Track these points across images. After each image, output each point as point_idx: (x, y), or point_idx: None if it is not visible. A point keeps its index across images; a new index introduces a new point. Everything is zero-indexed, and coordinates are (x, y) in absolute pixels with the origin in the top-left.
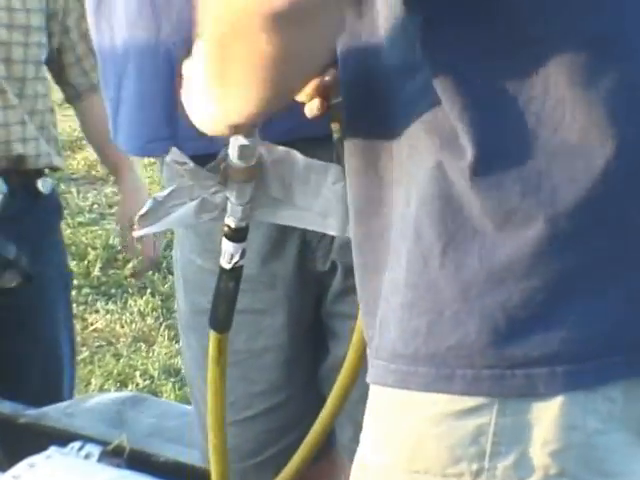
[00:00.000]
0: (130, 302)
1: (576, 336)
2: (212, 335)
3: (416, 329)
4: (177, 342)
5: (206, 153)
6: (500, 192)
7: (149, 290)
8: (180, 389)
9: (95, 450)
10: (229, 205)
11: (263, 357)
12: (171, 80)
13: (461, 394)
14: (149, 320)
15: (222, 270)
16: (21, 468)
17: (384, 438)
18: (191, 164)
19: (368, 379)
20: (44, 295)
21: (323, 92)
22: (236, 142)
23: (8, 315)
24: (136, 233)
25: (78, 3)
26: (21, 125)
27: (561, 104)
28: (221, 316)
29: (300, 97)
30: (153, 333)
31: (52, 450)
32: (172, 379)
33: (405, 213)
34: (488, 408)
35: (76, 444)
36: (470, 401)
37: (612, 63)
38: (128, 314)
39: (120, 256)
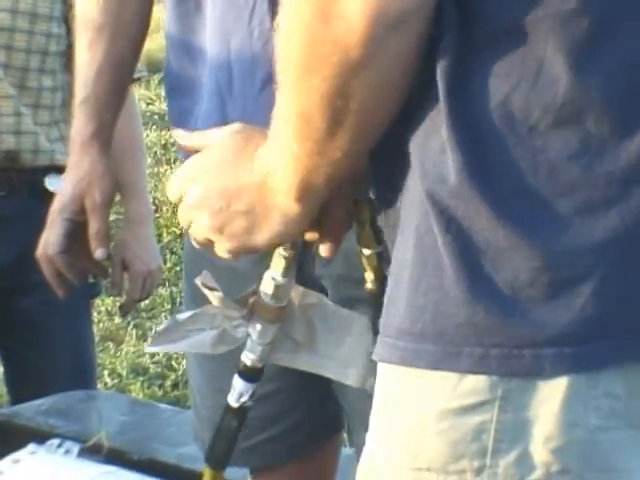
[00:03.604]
0: (97, 301)
1: (585, 316)
2: (207, 471)
3: (423, 306)
4: (145, 341)
5: None
6: (496, 172)
7: None
8: (149, 388)
9: (74, 447)
10: (249, 341)
11: None
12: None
13: (467, 372)
14: (116, 319)
15: (228, 407)
16: (5, 464)
17: (388, 434)
18: (220, 293)
19: (374, 356)
20: (57, 299)
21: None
22: (272, 281)
23: (22, 318)
24: (149, 349)
25: None
26: (15, 117)
27: (554, 84)
28: (218, 454)
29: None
30: (121, 332)
31: (34, 446)
32: (140, 378)
33: (413, 186)
34: (490, 405)
35: (55, 441)
36: (472, 397)
37: (615, 44)
38: (96, 313)
39: None
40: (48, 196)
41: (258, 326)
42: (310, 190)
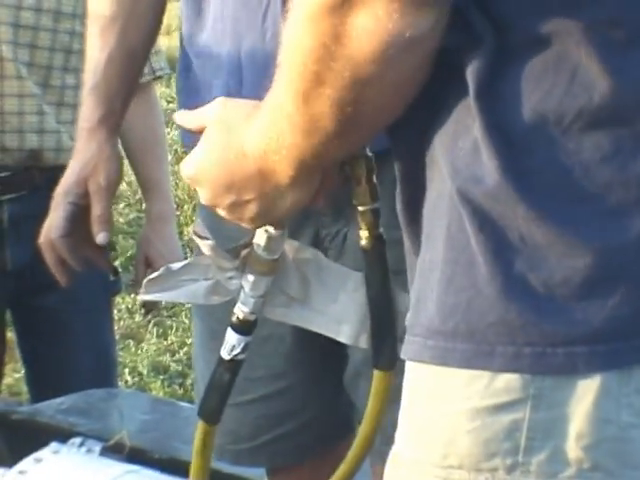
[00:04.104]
0: (118, 299)
1: (618, 314)
2: (200, 425)
3: (455, 305)
4: (165, 339)
5: None
6: (533, 174)
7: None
8: (169, 386)
9: (95, 446)
10: (242, 294)
11: (265, 345)
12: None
13: (500, 371)
14: (137, 317)
15: (220, 360)
16: (27, 463)
17: (418, 433)
18: (211, 241)
19: (403, 355)
20: (79, 297)
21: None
22: (265, 233)
23: (43, 316)
24: (141, 296)
25: None
26: (38, 115)
27: (589, 89)
28: (211, 408)
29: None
30: (141, 330)
31: (56, 445)
32: (161, 376)
33: (441, 189)
34: (523, 403)
35: (76, 440)
36: (505, 396)
37: None
38: (116, 311)
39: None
40: None
41: (250, 278)
42: (309, 169)
